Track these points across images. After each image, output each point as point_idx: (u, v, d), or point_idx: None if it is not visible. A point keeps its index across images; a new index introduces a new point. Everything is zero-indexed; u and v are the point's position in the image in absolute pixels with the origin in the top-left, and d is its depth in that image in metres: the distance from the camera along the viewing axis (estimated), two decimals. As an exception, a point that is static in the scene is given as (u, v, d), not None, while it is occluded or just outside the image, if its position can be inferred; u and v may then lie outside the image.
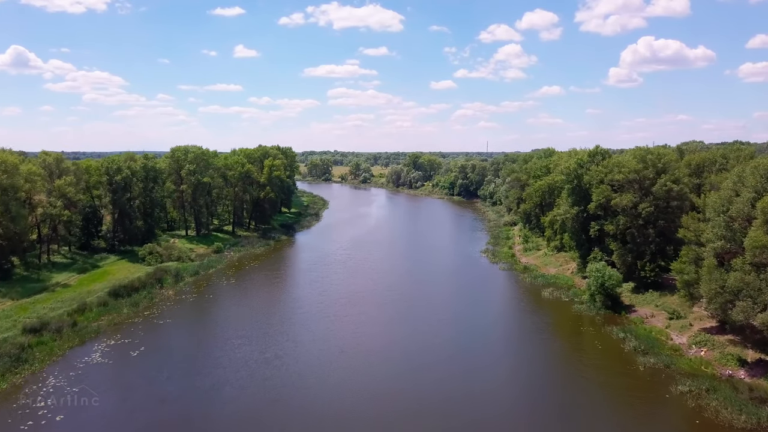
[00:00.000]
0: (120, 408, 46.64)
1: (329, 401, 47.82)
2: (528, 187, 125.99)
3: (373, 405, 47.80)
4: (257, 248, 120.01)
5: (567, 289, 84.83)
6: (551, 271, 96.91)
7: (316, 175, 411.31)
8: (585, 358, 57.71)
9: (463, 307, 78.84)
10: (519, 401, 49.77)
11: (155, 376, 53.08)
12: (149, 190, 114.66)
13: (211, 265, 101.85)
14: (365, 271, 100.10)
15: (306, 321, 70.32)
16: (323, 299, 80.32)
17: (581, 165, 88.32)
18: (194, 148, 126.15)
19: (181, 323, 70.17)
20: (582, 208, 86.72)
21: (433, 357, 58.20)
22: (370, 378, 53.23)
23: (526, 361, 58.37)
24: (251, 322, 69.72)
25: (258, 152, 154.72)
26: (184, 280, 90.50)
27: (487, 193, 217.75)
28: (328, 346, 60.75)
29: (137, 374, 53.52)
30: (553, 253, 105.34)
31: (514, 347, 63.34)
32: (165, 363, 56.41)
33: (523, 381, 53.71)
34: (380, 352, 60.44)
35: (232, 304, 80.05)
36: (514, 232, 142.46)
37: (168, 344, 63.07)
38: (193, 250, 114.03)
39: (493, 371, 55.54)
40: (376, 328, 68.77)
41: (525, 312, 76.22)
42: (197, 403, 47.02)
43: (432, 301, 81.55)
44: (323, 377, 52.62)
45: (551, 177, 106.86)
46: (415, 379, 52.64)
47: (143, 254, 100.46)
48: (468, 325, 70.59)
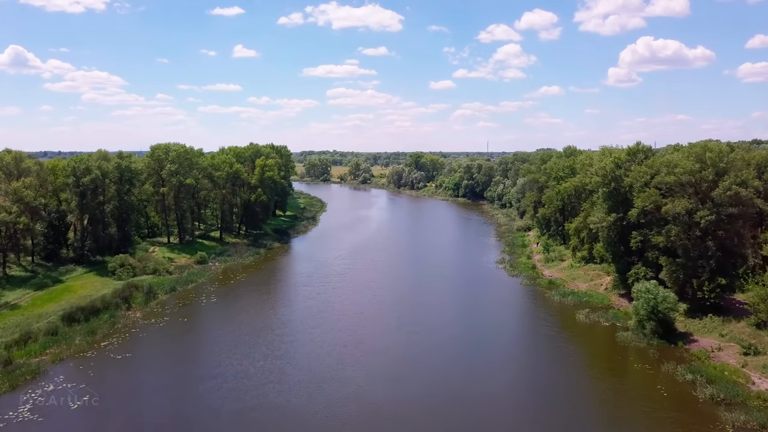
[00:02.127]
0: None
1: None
2: (547, 190, 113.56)
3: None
4: (246, 258, 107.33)
5: (604, 310, 72.40)
6: (581, 286, 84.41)
7: (314, 175, 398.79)
8: (654, 412, 44.93)
9: (484, 335, 66.29)
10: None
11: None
12: (124, 193, 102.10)
13: (191, 279, 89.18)
14: (367, 286, 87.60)
15: (296, 354, 57.81)
16: (318, 323, 67.80)
17: (619, 165, 75.89)
18: (176, 146, 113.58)
19: (142, 358, 57.53)
20: (621, 215, 74.28)
21: (452, 415, 45.66)
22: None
23: (575, 414, 45.75)
24: (229, 356, 57.13)
25: (249, 151, 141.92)
26: (156, 299, 77.86)
27: (495, 194, 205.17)
28: (321, 392, 48.25)
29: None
30: (580, 265, 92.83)
31: (554, 393, 50.55)
32: (112, 418, 43.86)
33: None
34: (390, 417, 47.91)
35: (208, 331, 67.47)
36: (529, 238, 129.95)
37: (122, 388, 50.28)
38: (174, 260, 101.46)
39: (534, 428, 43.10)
40: (383, 371, 56.16)
41: (559, 341, 63.67)
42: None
43: (447, 326, 69.03)
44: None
45: (578, 178, 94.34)
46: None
47: (113, 267, 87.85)
48: (492, 361, 58.09)
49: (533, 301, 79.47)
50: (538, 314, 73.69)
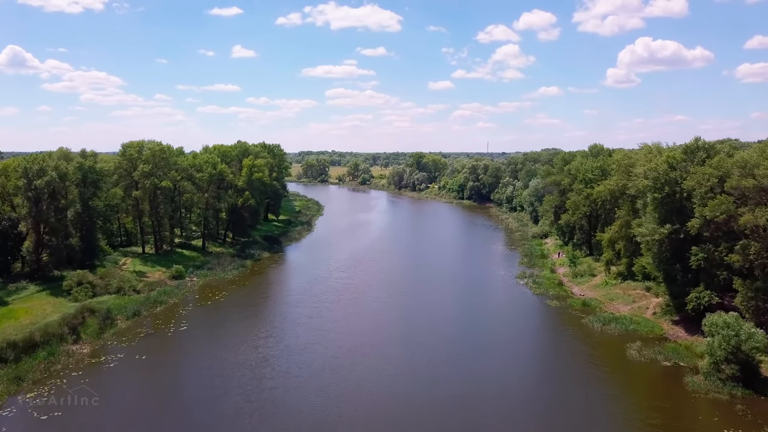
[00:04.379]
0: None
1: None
2: (571, 193, 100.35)
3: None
4: (229, 272, 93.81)
5: (658, 342, 59.24)
6: (622, 309, 71.19)
7: (311, 176, 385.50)
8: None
9: (514, 377, 53.03)
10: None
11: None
12: (88, 197, 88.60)
13: (161, 299, 75.76)
14: (369, 308, 74.41)
15: (276, 409, 44.55)
16: (308, 360, 54.52)
17: (673, 165, 62.73)
18: (151, 144, 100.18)
19: (78, 418, 44.12)
20: (678, 227, 61.09)
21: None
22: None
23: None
24: (190, 411, 43.87)
25: (236, 150, 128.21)
26: (114, 327, 64.51)
27: (504, 197, 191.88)
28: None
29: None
30: (616, 282, 79.64)
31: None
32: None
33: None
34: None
35: (169, 373, 54.09)
36: (548, 247, 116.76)
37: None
38: (145, 275, 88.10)
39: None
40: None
41: (613, 386, 50.40)
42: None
43: (468, 364, 55.75)
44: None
45: (612, 181, 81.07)
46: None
47: (69, 285, 74.46)
48: (534, 417, 44.88)
49: (569, 328, 66.12)
50: (579, 347, 60.26)
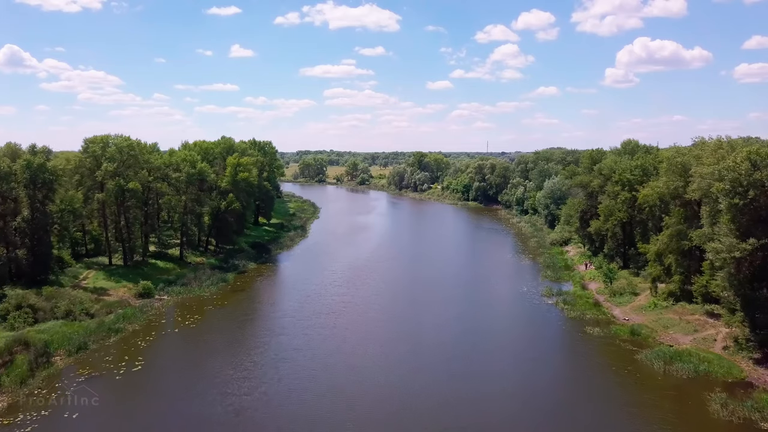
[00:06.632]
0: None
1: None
2: (603, 197, 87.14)
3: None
4: (206, 288, 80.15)
5: (742, 389, 46.12)
6: (681, 340, 57.96)
7: (308, 176, 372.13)
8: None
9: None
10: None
11: None
12: (39, 201, 75.19)
13: (117, 326, 62.16)
14: (370, 336, 61.22)
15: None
16: (293, 416, 41.20)
17: (755, 164, 49.58)
18: (118, 139, 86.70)
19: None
20: (766, 241, 47.90)
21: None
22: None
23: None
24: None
25: (219, 147, 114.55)
26: (49, 367, 50.98)
27: (514, 198, 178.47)
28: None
29: None
30: (667, 304, 66.43)
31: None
32: None
33: None
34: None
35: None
36: (571, 256, 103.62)
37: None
38: (107, 292, 74.78)
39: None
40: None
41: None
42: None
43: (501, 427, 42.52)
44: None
45: (662, 182, 67.74)
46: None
47: (5, 310, 61.11)
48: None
49: (624, 366, 52.68)
50: (643, 399, 46.57)
